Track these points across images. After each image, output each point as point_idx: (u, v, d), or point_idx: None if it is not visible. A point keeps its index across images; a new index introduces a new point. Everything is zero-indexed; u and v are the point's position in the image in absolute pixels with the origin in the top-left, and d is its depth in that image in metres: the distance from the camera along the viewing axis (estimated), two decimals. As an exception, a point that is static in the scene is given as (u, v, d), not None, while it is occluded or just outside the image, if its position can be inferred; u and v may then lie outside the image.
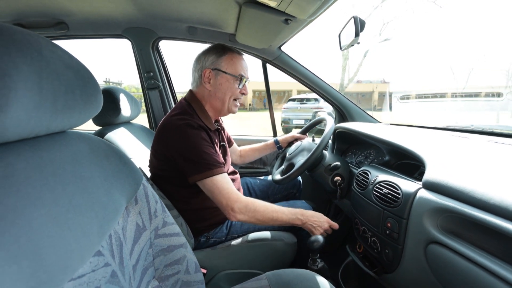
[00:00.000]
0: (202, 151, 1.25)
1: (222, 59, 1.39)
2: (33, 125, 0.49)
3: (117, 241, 0.69)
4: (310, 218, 1.35)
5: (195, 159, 1.24)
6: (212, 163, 1.25)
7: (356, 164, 1.68)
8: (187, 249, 0.92)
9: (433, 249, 0.86)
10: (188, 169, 1.25)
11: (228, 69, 1.39)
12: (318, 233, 1.33)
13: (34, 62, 0.48)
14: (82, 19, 1.73)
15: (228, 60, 1.39)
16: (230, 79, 1.40)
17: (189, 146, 1.25)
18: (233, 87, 1.41)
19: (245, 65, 1.46)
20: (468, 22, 37.80)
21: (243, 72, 1.43)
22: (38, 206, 0.47)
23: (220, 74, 1.39)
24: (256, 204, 1.27)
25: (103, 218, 0.62)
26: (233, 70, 1.40)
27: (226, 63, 1.39)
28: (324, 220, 1.38)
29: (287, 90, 30.42)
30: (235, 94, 1.43)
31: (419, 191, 0.95)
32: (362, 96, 29.12)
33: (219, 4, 1.40)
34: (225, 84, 1.40)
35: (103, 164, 0.70)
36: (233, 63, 1.40)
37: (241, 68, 1.42)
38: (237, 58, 1.42)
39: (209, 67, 1.39)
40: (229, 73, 1.39)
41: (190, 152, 1.25)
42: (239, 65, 1.42)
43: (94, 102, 0.65)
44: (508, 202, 0.68)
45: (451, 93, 4.33)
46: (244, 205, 1.24)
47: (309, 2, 1.03)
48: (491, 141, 1.20)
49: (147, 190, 0.85)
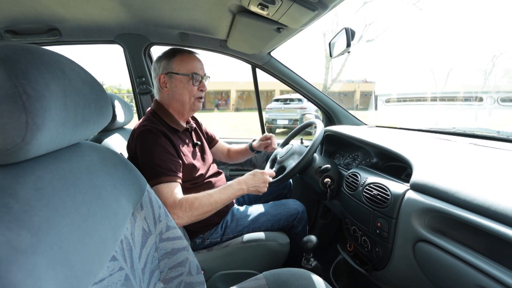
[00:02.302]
0: (156, 157, 1.27)
1: (173, 62, 1.40)
2: (59, 140, 0.53)
3: (128, 246, 0.72)
4: (249, 182, 1.37)
5: (149, 165, 1.26)
6: (162, 170, 1.26)
7: (344, 166, 1.74)
8: (189, 251, 0.96)
9: (421, 247, 0.92)
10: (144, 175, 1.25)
11: (180, 69, 1.40)
12: (264, 189, 1.39)
13: (60, 81, 0.51)
14: (75, 26, 1.73)
15: (178, 62, 1.40)
16: (184, 79, 1.41)
17: (145, 152, 1.28)
18: (188, 87, 1.42)
19: (198, 63, 1.45)
20: (447, 23, 38.66)
21: (197, 70, 1.43)
22: (64, 216, 0.51)
23: (173, 76, 1.40)
24: (190, 200, 1.24)
25: (115, 224, 0.65)
26: (185, 70, 1.40)
27: (177, 65, 1.40)
28: (260, 175, 1.41)
29: (270, 90, 30.46)
30: (193, 92, 1.44)
31: (407, 192, 1.01)
32: (344, 96, 29.37)
33: (213, 12, 1.43)
34: (180, 85, 1.41)
35: (112, 172, 0.73)
36: (184, 63, 1.41)
37: (194, 67, 1.42)
38: (188, 58, 1.43)
39: (163, 72, 1.42)
40: (181, 74, 1.40)
41: (145, 158, 1.27)
42: (190, 64, 1.42)
43: (105, 114, 0.69)
44: (489, 202, 0.74)
45: (434, 96, 4.44)
46: (179, 207, 1.21)
47: (302, 13, 1.07)
48: (473, 144, 1.27)
49: (151, 196, 0.88)
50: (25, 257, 0.40)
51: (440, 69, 19.50)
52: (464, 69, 20.58)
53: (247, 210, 1.59)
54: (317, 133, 1.54)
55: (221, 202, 1.30)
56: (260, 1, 1.05)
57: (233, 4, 1.24)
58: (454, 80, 16.52)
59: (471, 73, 18.99)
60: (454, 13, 42.45)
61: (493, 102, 2.78)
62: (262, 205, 1.62)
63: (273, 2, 1.03)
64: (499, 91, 11.65)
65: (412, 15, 38.47)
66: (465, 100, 3.85)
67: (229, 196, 1.32)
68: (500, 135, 1.37)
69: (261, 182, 1.38)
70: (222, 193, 1.31)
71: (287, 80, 2.12)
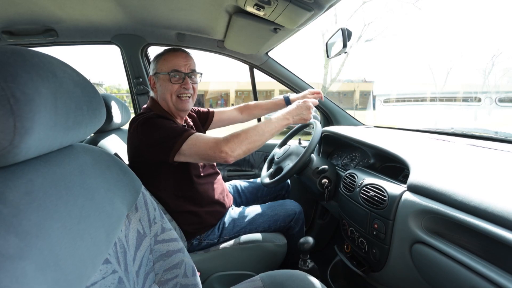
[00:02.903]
0: (167, 127, 1.24)
1: (159, 62, 1.39)
2: (50, 142, 0.52)
3: (122, 249, 0.72)
4: (294, 111, 1.35)
5: (163, 136, 1.22)
6: (180, 130, 1.23)
7: (342, 167, 1.73)
8: (184, 253, 0.95)
9: (418, 248, 0.91)
10: (162, 150, 1.22)
11: (162, 69, 1.37)
12: (310, 115, 1.37)
13: (51, 84, 0.50)
14: (72, 26, 1.73)
15: (162, 61, 1.38)
16: (164, 78, 1.38)
17: (154, 130, 1.25)
18: (168, 85, 1.38)
19: (181, 60, 1.39)
20: (446, 23, 38.61)
21: (177, 67, 1.37)
22: (55, 219, 0.50)
23: (158, 76, 1.39)
24: (235, 133, 1.23)
25: (109, 226, 0.65)
26: (165, 68, 1.37)
27: (161, 64, 1.38)
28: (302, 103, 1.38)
29: (269, 90, 30.49)
30: (173, 90, 1.38)
31: (404, 193, 1.00)
32: (344, 96, 29.38)
33: (209, 13, 1.42)
34: (162, 84, 1.39)
35: (106, 174, 0.73)
36: (165, 62, 1.38)
37: (174, 64, 1.37)
38: (171, 56, 1.39)
39: (152, 74, 1.43)
40: (162, 73, 1.37)
41: (158, 134, 1.23)
42: (171, 61, 1.38)
43: (98, 116, 0.68)
44: (486, 204, 0.74)
45: (432, 96, 4.44)
46: (225, 143, 1.19)
47: (298, 14, 1.07)
48: (471, 144, 1.27)
49: (146, 198, 0.88)
50: (12, 263, 0.39)
51: (439, 69, 19.48)
52: (463, 69, 20.57)
53: (244, 211, 1.58)
54: (315, 134, 1.54)
55: (268, 131, 1.27)
56: (256, 2, 1.05)
57: (230, 5, 1.24)
58: (454, 79, 16.50)
59: (470, 73, 18.99)
60: (453, 13, 42.44)
61: (491, 103, 2.78)
62: (259, 206, 1.61)
63: (269, 3, 1.03)
64: (499, 91, 11.64)
65: (411, 15, 38.46)
66: (463, 100, 3.85)
67: (276, 126, 1.30)
68: (498, 136, 1.37)
69: (304, 109, 1.36)
70: (267, 124, 1.28)
71: (284, 80, 2.12)
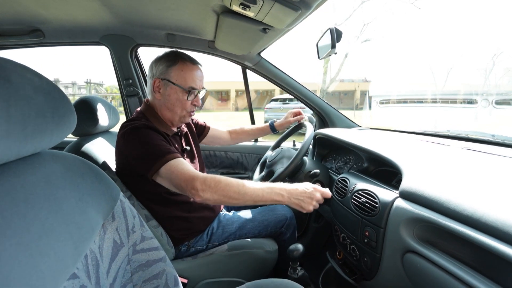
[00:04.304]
0: (152, 144, 1.19)
1: (172, 69, 1.32)
2: (2, 153, 0.48)
3: (94, 261, 0.68)
4: (294, 191, 1.17)
5: (146, 152, 1.18)
6: (164, 151, 1.18)
7: (336, 170, 1.69)
8: (166, 262, 0.91)
9: (409, 258, 0.88)
10: (143, 166, 1.18)
11: (178, 80, 1.31)
12: (310, 207, 1.17)
13: (3, 91, 0.47)
14: (58, 27, 1.70)
15: (178, 71, 1.32)
16: (179, 91, 1.32)
17: (138, 143, 1.20)
18: (182, 100, 1.34)
19: (198, 75, 1.36)
20: (446, 23, 38.62)
21: (194, 84, 1.34)
22: (9, 236, 0.46)
23: (169, 85, 1.32)
24: (217, 178, 1.13)
25: (78, 239, 0.61)
26: (183, 82, 1.32)
27: (176, 74, 1.31)
28: (311, 189, 1.20)
29: (270, 90, 30.58)
30: (186, 107, 1.36)
31: (395, 200, 0.96)
32: (345, 95, 29.45)
33: (197, 13, 1.39)
34: (174, 96, 1.33)
35: (78, 183, 0.69)
36: (183, 74, 1.32)
37: (192, 80, 1.33)
38: (189, 68, 1.33)
39: (159, 77, 1.33)
40: (178, 85, 1.31)
41: (141, 148, 1.19)
42: (189, 76, 1.33)
43: (67, 122, 0.64)
44: (479, 213, 0.70)
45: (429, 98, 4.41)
46: (203, 180, 1.10)
47: (285, 13, 1.03)
48: (466, 148, 1.23)
49: (124, 206, 0.84)
50: None
51: (439, 68, 19.53)
52: (464, 69, 20.63)
53: (234, 216, 1.54)
54: (306, 137, 1.50)
55: (251, 196, 1.14)
56: (241, 1, 1.02)
57: (216, 4, 1.21)
58: (454, 79, 16.52)
59: (471, 73, 19.02)
60: (452, 12, 42.46)
61: (487, 105, 2.74)
62: (250, 211, 1.57)
63: (255, 2, 0.99)
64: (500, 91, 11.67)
65: (411, 14, 38.50)
66: (459, 102, 3.82)
67: (264, 194, 1.15)
68: (495, 139, 1.33)
69: (306, 197, 1.17)
70: (256, 188, 1.15)
71: (278, 81, 2.09)
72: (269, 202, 1.18)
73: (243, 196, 1.13)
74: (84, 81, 27.44)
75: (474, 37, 35.58)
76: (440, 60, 27.72)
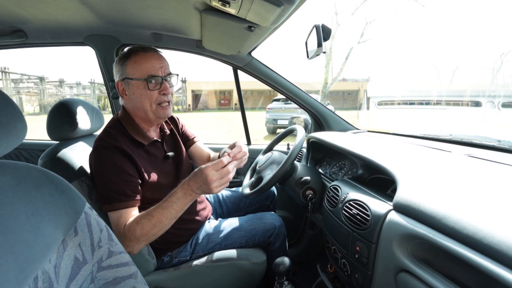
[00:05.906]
0: (109, 179, 1.15)
1: (127, 66, 1.24)
2: None
3: (46, 283, 0.60)
4: (192, 184, 1.09)
5: (102, 187, 1.16)
6: (114, 195, 1.13)
7: (330, 176, 1.60)
8: (137, 279, 0.83)
9: (403, 278, 0.80)
10: (98, 193, 1.19)
11: (135, 74, 1.22)
12: (215, 190, 1.07)
13: None
14: (40, 27, 1.63)
15: (132, 64, 1.23)
16: (140, 85, 1.23)
17: (98, 172, 1.18)
18: (146, 92, 1.23)
19: (155, 61, 1.25)
20: (452, 20, 38.39)
21: (154, 71, 1.23)
22: None
23: (129, 82, 1.24)
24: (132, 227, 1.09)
25: (26, 260, 0.54)
26: (140, 74, 1.22)
27: (131, 68, 1.23)
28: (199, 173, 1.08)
29: (272, 90, 30.67)
30: (153, 98, 1.25)
31: (389, 213, 0.88)
32: (348, 95, 29.40)
33: (180, 11, 1.32)
34: (137, 91, 1.24)
35: (32, 196, 0.62)
36: (138, 65, 1.22)
37: (150, 68, 1.23)
38: (142, 58, 1.23)
39: (119, 79, 1.27)
40: (136, 79, 1.22)
41: (99, 179, 1.17)
42: (145, 65, 1.22)
43: (13, 131, 0.58)
44: (482, 233, 0.62)
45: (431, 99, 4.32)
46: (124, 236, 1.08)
47: (267, 9, 0.96)
48: (469, 155, 1.14)
49: (90, 219, 0.76)
50: None
51: (444, 68, 19.42)
52: (470, 68, 20.52)
53: (220, 225, 1.46)
54: (297, 141, 1.41)
55: (167, 218, 1.09)
56: (220, -4, 0.94)
57: (197, 1, 1.13)
58: (460, 79, 16.39)
59: (478, 72, 18.88)
60: (457, 9, 42.21)
61: (494, 107, 2.65)
62: (237, 219, 1.49)
63: (233, -3, 0.91)
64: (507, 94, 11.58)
65: (415, 12, 38.29)
66: (462, 105, 3.71)
67: (178, 207, 1.10)
68: (501, 145, 1.24)
69: (202, 182, 1.07)
70: (164, 208, 1.09)
71: (270, 82, 2.01)
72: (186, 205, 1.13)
73: (162, 223, 1.10)
74: (88, 81, 27.54)
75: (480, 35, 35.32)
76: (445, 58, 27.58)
